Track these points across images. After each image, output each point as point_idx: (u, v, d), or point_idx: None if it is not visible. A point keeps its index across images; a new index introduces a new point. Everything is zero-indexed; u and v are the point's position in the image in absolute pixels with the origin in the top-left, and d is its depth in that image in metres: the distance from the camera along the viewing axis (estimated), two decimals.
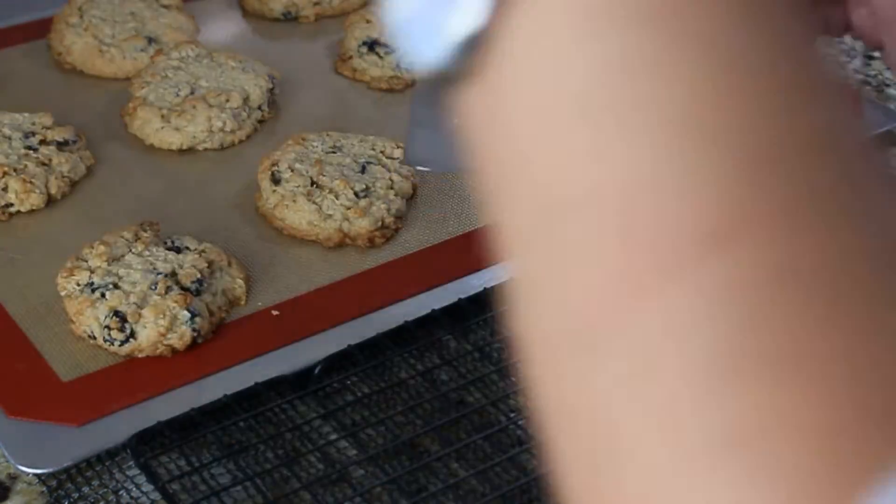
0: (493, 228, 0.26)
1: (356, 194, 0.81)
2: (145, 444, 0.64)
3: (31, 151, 0.81)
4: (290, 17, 1.08)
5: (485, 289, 0.75)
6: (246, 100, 0.94)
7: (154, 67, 0.92)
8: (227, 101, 0.92)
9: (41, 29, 1.04)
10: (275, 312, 0.73)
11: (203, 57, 0.96)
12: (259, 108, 0.95)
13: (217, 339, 0.71)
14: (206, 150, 0.92)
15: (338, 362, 0.69)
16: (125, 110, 0.90)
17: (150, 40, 0.97)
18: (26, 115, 0.84)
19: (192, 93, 0.91)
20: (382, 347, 0.71)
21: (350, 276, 0.77)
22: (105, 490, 0.62)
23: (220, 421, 0.65)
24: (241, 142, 0.92)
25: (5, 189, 0.79)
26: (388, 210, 0.81)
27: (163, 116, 0.90)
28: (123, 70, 1.01)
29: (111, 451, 0.64)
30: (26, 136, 0.81)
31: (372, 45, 0.95)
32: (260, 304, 0.74)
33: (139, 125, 0.93)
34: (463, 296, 0.73)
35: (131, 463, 0.64)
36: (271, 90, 0.97)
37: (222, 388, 0.66)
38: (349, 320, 0.73)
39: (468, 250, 0.81)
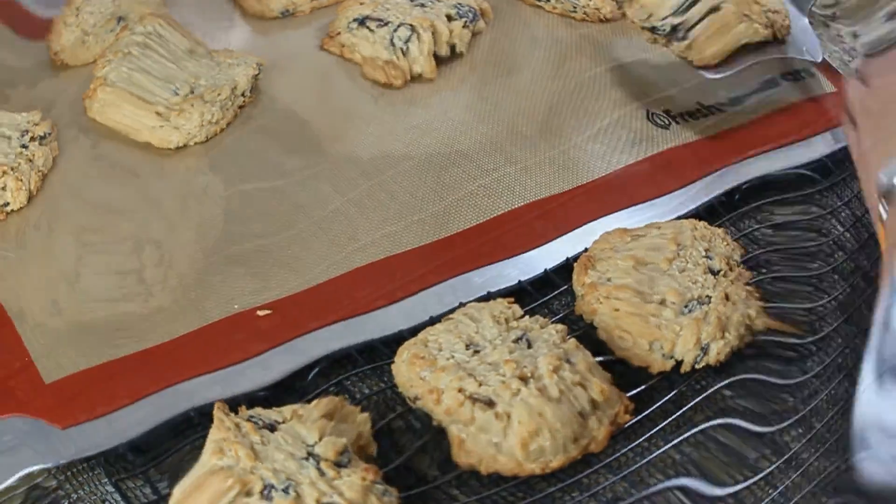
0: None
1: None
2: (112, 466, 0.63)
3: (24, 149, 0.82)
4: (287, 15, 1.07)
5: (488, 292, 0.74)
6: (234, 89, 0.91)
7: (117, 45, 0.91)
8: (219, 94, 0.90)
9: (41, 30, 1.03)
10: (266, 312, 0.73)
11: (172, 40, 0.92)
12: (242, 94, 0.92)
13: (203, 339, 0.71)
14: (195, 144, 0.90)
15: (337, 362, 0.69)
16: (86, 93, 0.89)
17: (120, 19, 0.99)
18: (24, 114, 0.85)
19: (191, 92, 0.89)
20: (380, 353, 0.70)
21: (347, 272, 0.77)
22: (94, 497, 0.62)
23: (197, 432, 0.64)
24: (221, 130, 0.89)
25: (4, 188, 0.79)
26: None
27: (159, 114, 0.87)
28: (95, 54, 0.98)
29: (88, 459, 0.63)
30: (22, 135, 0.82)
31: (363, 21, 0.93)
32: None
33: (98, 108, 0.89)
34: (465, 299, 0.72)
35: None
36: (256, 76, 0.94)
37: (213, 391, 0.66)
38: (347, 319, 0.73)
39: (470, 247, 0.80)
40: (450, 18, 0.94)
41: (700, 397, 0.68)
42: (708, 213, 0.83)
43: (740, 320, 0.70)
